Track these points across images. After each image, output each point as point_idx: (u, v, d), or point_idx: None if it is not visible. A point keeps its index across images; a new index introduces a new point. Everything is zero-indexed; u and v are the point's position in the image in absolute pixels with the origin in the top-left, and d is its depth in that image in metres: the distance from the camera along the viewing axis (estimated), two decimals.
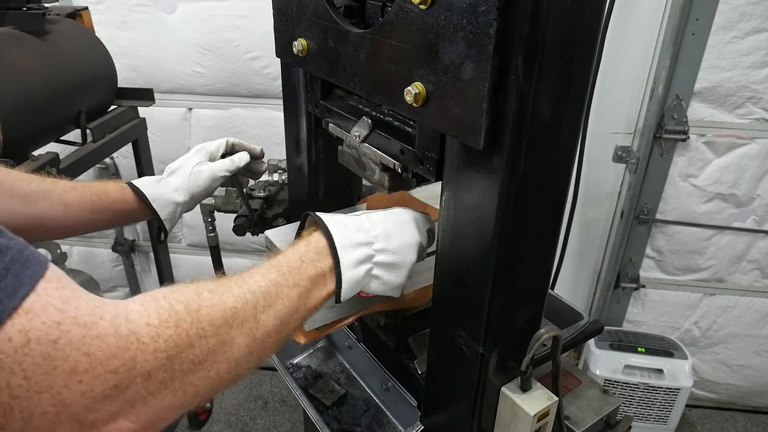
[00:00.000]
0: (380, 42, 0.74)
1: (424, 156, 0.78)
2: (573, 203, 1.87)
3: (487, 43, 0.59)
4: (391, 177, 0.91)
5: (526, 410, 0.78)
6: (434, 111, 0.68)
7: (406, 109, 0.72)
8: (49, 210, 0.91)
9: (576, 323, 1.04)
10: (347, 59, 0.82)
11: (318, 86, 1.00)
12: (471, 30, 0.60)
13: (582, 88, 0.65)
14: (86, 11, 1.86)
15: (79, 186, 0.97)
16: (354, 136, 0.89)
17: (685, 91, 1.95)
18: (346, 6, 0.90)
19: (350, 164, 1.01)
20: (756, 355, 2.41)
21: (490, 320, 0.74)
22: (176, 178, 1.05)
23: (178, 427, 2.52)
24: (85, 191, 0.96)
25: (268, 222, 1.32)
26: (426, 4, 0.64)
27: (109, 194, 0.99)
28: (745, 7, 1.78)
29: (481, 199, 0.69)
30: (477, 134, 0.63)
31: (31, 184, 0.90)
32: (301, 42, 0.92)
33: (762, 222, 2.13)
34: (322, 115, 1.01)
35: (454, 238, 0.76)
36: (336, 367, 1.23)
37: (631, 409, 2.24)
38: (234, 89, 2.16)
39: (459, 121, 0.65)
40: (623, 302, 2.42)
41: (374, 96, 0.80)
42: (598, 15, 0.62)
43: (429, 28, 0.65)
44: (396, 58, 0.72)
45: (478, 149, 0.63)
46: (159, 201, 1.03)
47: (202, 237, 1.62)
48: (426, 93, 0.68)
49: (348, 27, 0.81)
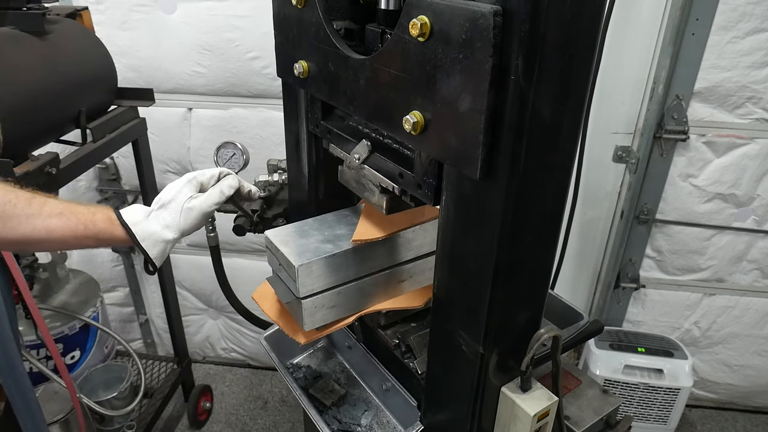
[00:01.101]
0: (379, 69, 0.75)
1: (422, 181, 0.80)
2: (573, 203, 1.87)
3: (483, 78, 0.60)
4: (390, 199, 0.93)
5: (526, 410, 0.78)
6: (432, 139, 0.69)
7: (404, 137, 0.73)
8: (30, 235, 0.90)
9: (576, 323, 1.04)
10: (347, 83, 0.83)
11: (318, 107, 1.01)
12: (467, 64, 0.61)
13: (582, 88, 0.65)
14: (86, 11, 1.85)
15: (66, 211, 0.93)
16: (354, 158, 0.90)
17: (685, 91, 1.95)
18: (347, 29, 0.91)
19: (350, 184, 1.03)
20: (756, 355, 2.41)
21: (490, 320, 0.74)
22: (167, 214, 1.00)
23: (178, 427, 2.52)
24: (71, 218, 0.93)
25: (268, 222, 1.32)
26: (424, 37, 0.65)
27: (96, 225, 0.95)
28: (745, 7, 1.78)
29: (481, 210, 0.69)
30: (474, 164, 0.64)
31: (15, 208, 0.88)
32: (302, 64, 0.93)
33: (762, 222, 2.13)
34: (323, 135, 1.03)
35: (454, 238, 0.76)
36: (336, 367, 1.23)
37: (631, 409, 2.24)
38: (234, 89, 2.16)
39: (456, 151, 0.66)
40: (623, 302, 2.42)
41: (373, 121, 0.81)
42: (598, 15, 0.62)
43: (427, 60, 0.66)
44: (395, 86, 0.73)
45: (475, 179, 0.65)
46: (149, 240, 0.99)
47: (202, 237, 1.61)
48: (424, 122, 0.69)
49: (348, 53, 0.82)
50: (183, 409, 2.57)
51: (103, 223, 0.96)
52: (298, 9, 0.90)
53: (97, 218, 0.95)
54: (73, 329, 1.96)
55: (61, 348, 1.95)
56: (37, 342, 1.85)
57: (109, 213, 0.97)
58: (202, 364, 2.89)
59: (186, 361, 2.50)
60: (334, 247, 0.96)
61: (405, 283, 1.06)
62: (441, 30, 0.63)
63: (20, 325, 1.62)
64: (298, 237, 1.00)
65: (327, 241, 0.98)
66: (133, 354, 2.04)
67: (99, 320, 2.07)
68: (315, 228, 1.03)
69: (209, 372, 2.86)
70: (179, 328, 2.45)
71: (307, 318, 0.97)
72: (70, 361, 2.01)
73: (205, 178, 1.07)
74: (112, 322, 2.62)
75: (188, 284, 2.65)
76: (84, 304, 2.02)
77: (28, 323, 1.80)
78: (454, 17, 0.61)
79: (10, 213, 0.88)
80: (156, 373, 2.45)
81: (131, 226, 0.97)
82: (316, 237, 1.00)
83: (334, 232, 1.02)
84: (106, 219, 0.96)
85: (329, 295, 0.97)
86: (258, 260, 2.50)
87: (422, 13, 0.64)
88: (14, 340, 1.16)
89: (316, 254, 0.94)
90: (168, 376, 2.40)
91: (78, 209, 0.95)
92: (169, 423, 2.53)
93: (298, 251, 0.95)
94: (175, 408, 2.60)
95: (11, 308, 1.25)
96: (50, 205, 0.92)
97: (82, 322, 1.97)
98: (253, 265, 2.50)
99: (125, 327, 2.82)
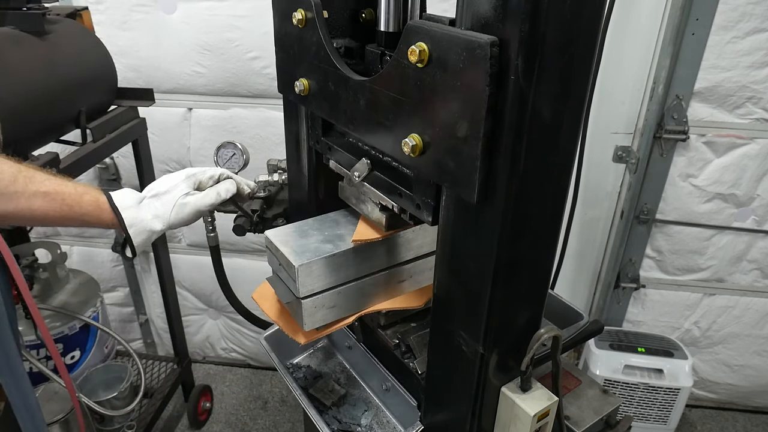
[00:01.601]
0: (379, 92, 0.76)
1: (420, 201, 0.80)
2: (573, 203, 1.87)
3: (480, 106, 0.60)
4: (389, 216, 0.94)
5: (526, 410, 0.78)
6: (430, 162, 0.70)
7: (403, 158, 0.74)
8: (12, 212, 0.89)
9: (576, 323, 1.04)
10: (347, 103, 0.84)
11: (319, 123, 1.02)
12: (465, 92, 0.62)
13: (582, 88, 0.65)
14: (86, 11, 1.85)
15: (52, 191, 0.92)
16: (354, 175, 0.91)
17: (685, 91, 1.95)
18: (347, 47, 0.92)
19: (350, 200, 1.04)
20: (756, 355, 2.41)
21: (490, 320, 0.74)
22: (159, 205, 0.99)
23: (178, 427, 2.52)
24: (56, 199, 0.92)
25: (268, 222, 1.31)
26: (423, 63, 0.66)
27: (83, 207, 0.94)
28: (745, 7, 1.78)
29: (479, 235, 0.69)
30: (471, 189, 0.65)
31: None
32: (302, 82, 0.93)
33: (762, 222, 2.13)
34: (323, 151, 1.03)
35: (454, 239, 0.76)
36: (336, 367, 1.23)
37: (631, 409, 2.24)
38: (234, 89, 2.16)
39: (454, 175, 0.67)
40: (623, 302, 2.42)
41: (372, 141, 0.82)
42: (598, 15, 0.62)
43: (425, 85, 0.67)
44: (394, 109, 0.74)
45: (472, 203, 0.66)
46: (136, 227, 0.97)
47: (202, 237, 1.61)
48: (423, 145, 0.70)
49: (348, 74, 0.83)
50: (183, 409, 2.58)
51: (90, 206, 0.95)
52: (299, 28, 0.90)
53: (84, 200, 0.94)
54: (73, 329, 1.96)
55: (61, 348, 1.95)
56: (37, 342, 1.85)
57: (98, 195, 0.96)
58: (202, 364, 2.89)
59: (186, 361, 2.50)
60: (334, 247, 0.96)
61: (405, 283, 1.06)
62: (439, 57, 0.64)
63: (20, 325, 1.61)
64: (298, 237, 1.00)
65: (327, 241, 0.98)
66: (133, 354, 2.03)
67: (99, 320, 2.07)
68: (315, 228, 1.03)
69: (209, 372, 2.86)
70: (179, 328, 2.45)
71: (307, 318, 0.97)
72: (70, 361, 2.01)
73: (204, 177, 1.07)
74: (112, 322, 2.62)
75: (188, 284, 2.65)
76: (84, 304, 2.02)
77: (28, 323, 1.80)
78: (451, 46, 0.62)
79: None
80: (156, 373, 2.44)
81: (121, 210, 0.96)
82: (316, 237, 1.00)
83: (334, 232, 1.02)
84: (93, 202, 0.95)
85: (329, 295, 0.97)
86: (258, 260, 2.50)
87: (421, 40, 0.65)
88: (14, 340, 1.16)
89: (316, 254, 0.94)
90: (168, 376, 2.40)
91: (65, 189, 0.93)
92: (169, 423, 2.53)
93: (298, 251, 0.95)
94: (175, 408, 2.60)
95: (11, 308, 1.25)
96: (36, 183, 0.91)
97: (82, 322, 1.97)
98: (253, 265, 2.50)
99: (125, 327, 2.82)
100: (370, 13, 0.98)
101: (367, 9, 0.98)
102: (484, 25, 0.60)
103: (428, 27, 0.65)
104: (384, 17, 0.87)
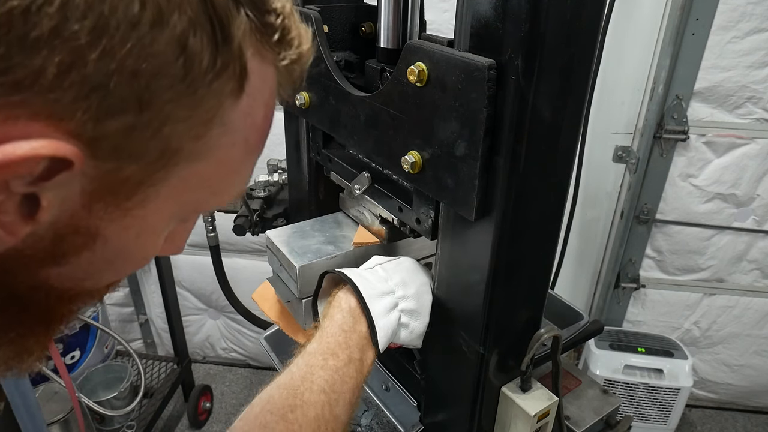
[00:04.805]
0: (379, 108, 0.76)
1: (420, 215, 0.81)
2: (573, 203, 1.87)
3: (478, 127, 0.61)
4: (389, 229, 0.94)
5: (526, 410, 0.78)
6: (430, 179, 0.70)
7: (403, 175, 0.74)
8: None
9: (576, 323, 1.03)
10: (347, 118, 0.84)
11: (320, 136, 1.02)
12: (463, 112, 0.62)
13: (582, 88, 0.65)
14: None
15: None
16: (354, 188, 0.91)
17: (685, 91, 1.96)
18: (347, 60, 0.92)
19: (350, 212, 1.04)
20: (756, 355, 2.41)
21: (490, 320, 0.74)
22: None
23: (178, 427, 2.52)
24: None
25: (268, 222, 1.31)
26: (422, 83, 0.66)
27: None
28: (745, 7, 1.78)
29: (478, 240, 0.69)
30: (470, 207, 0.65)
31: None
32: (303, 95, 0.93)
33: (762, 222, 2.13)
34: (324, 163, 1.04)
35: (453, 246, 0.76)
36: None
37: (631, 409, 2.24)
38: None
39: (452, 192, 0.67)
40: (623, 302, 2.42)
41: (372, 157, 0.82)
42: (598, 15, 0.62)
43: (424, 104, 0.67)
44: (394, 126, 0.74)
45: (471, 220, 0.66)
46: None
47: (202, 237, 1.61)
48: (422, 162, 0.70)
49: (349, 89, 0.83)
50: (183, 409, 2.58)
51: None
52: None
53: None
54: (73, 329, 1.96)
55: (61, 348, 1.95)
56: None
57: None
58: (202, 364, 2.89)
59: (186, 361, 2.50)
60: (335, 248, 0.96)
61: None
62: (438, 78, 0.64)
63: None
64: (299, 238, 1.00)
65: (328, 242, 0.98)
66: (133, 354, 2.04)
67: (99, 320, 2.07)
68: (316, 229, 1.03)
69: (209, 372, 2.86)
70: (179, 328, 2.45)
71: (308, 318, 0.97)
72: (70, 361, 2.01)
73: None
74: (112, 322, 2.62)
75: (188, 284, 2.65)
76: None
77: None
78: (450, 67, 0.62)
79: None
80: (156, 373, 2.45)
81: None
82: (317, 238, 1.00)
83: (336, 233, 1.02)
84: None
85: None
86: (258, 260, 2.50)
87: (420, 60, 0.65)
88: None
89: (317, 255, 0.94)
90: (168, 376, 2.40)
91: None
92: (169, 423, 2.53)
93: (299, 252, 0.95)
94: (175, 408, 2.60)
95: None
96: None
97: (82, 322, 1.97)
98: (253, 265, 2.50)
99: (125, 327, 2.82)
100: (370, 26, 0.98)
101: (367, 22, 0.98)
102: (486, 28, 0.60)
103: (427, 48, 0.65)
104: (384, 33, 0.87)
